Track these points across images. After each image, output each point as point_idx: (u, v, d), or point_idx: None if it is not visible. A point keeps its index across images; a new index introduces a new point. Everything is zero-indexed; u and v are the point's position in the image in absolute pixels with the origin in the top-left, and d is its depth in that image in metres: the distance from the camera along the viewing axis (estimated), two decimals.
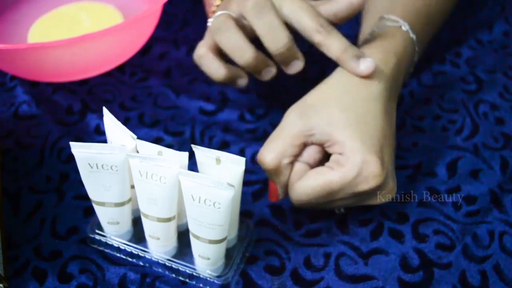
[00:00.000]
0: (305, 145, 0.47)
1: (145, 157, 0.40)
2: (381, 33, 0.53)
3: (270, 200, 0.49)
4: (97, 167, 0.42)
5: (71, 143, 0.41)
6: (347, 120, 0.45)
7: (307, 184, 0.45)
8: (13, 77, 0.66)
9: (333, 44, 0.47)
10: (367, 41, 0.53)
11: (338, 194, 0.45)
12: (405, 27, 0.53)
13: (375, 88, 0.47)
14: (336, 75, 0.49)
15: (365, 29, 0.59)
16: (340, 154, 0.45)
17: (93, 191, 0.44)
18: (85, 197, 0.52)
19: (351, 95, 0.47)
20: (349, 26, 0.72)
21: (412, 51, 0.53)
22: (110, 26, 0.55)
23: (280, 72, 0.67)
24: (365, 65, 0.46)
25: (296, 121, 0.46)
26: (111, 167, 0.42)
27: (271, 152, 0.46)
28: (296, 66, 0.51)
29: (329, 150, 0.46)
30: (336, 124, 0.45)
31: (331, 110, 0.45)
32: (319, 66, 0.67)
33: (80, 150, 0.41)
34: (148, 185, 0.41)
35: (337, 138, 0.45)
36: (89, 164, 0.41)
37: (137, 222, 0.47)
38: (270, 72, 0.52)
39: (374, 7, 0.59)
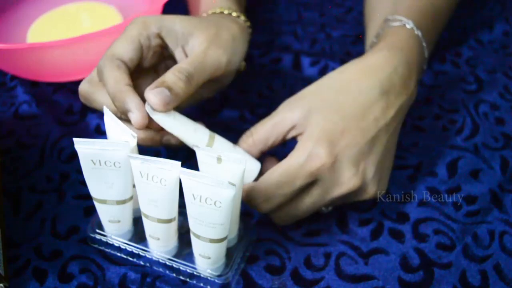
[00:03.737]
0: (284, 138, 0.48)
1: (147, 158, 0.40)
2: (386, 33, 0.53)
3: None
4: (100, 164, 0.42)
5: (75, 139, 0.41)
6: (321, 107, 0.46)
7: (267, 177, 0.46)
8: (13, 77, 0.66)
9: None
10: (373, 44, 0.53)
11: (296, 180, 0.45)
12: (409, 24, 0.53)
13: (367, 85, 0.47)
14: (339, 70, 0.49)
15: (370, 34, 0.59)
16: (299, 141, 0.46)
17: (95, 189, 0.44)
18: (85, 197, 0.52)
19: (341, 89, 0.47)
20: (350, 27, 0.73)
21: (419, 47, 0.53)
22: (110, 26, 0.55)
23: (280, 72, 0.68)
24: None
25: (284, 111, 0.47)
26: (114, 164, 0.42)
27: (253, 136, 0.48)
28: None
29: (298, 138, 0.47)
30: (313, 111, 0.46)
31: (315, 100, 0.47)
32: (320, 66, 0.67)
33: (83, 147, 0.41)
34: (148, 187, 0.41)
35: (307, 126, 0.46)
36: (92, 160, 0.41)
37: (137, 221, 0.47)
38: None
39: (377, 11, 0.59)
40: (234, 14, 0.54)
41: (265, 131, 0.48)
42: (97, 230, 0.48)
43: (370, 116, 0.46)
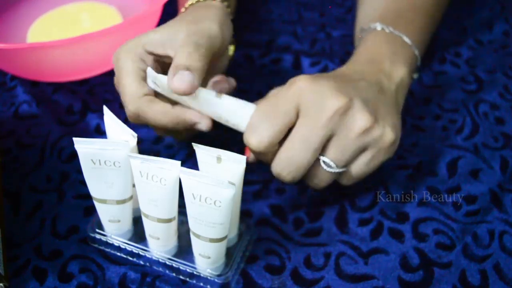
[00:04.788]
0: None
1: (146, 158, 0.40)
2: (360, 44, 0.56)
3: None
4: (100, 163, 0.42)
5: (74, 139, 0.41)
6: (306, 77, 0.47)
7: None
8: (14, 77, 0.66)
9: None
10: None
11: (279, 106, 0.44)
12: (379, 26, 0.54)
13: (339, 71, 0.50)
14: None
15: (355, 43, 0.61)
16: None
17: (95, 188, 0.44)
18: (85, 196, 0.52)
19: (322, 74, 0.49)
20: (350, 27, 0.73)
21: (391, 37, 0.54)
22: (110, 26, 0.55)
23: (280, 72, 0.68)
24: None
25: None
26: (114, 163, 0.42)
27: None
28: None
29: None
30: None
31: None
32: (320, 67, 0.67)
33: (83, 146, 0.41)
34: (148, 186, 0.41)
35: None
36: (91, 160, 0.42)
37: (137, 221, 0.47)
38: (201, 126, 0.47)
39: (359, 20, 0.62)
40: None
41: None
42: (97, 230, 0.48)
43: (345, 77, 0.47)
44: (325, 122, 0.43)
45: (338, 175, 0.47)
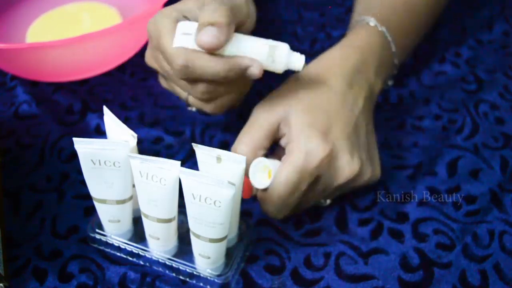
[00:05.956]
0: (274, 140, 0.48)
1: (146, 158, 0.40)
2: (348, 33, 0.56)
3: (244, 197, 0.48)
4: (100, 164, 0.42)
5: (74, 139, 0.41)
6: (301, 108, 0.47)
7: (272, 192, 0.45)
8: (14, 77, 0.66)
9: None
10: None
11: (301, 185, 0.45)
12: (372, 22, 0.55)
13: (334, 81, 0.49)
14: (306, 68, 0.51)
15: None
16: (289, 142, 0.46)
17: (95, 188, 0.44)
18: (85, 196, 0.52)
19: (311, 88, 0.49)
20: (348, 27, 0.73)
21: (382, 42, 0.54)
22: (110, 26, 0.55)
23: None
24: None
25: (263, 113, 0.48)
26: (113, 163, 0.42)
27: (245, 145, 0.47)
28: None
29: (285, 142, 0.47)
30: (293, 111, 0.47)
31: (291, 100, 0.48)
32: None
33: (83, 146, 0.41)
34: (148, 186, 0.41)
35: (291, 126, 0.46)
36: (91, 160, 0.42)
37: (137, 221, 0.47)
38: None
39: (353, 14, 0.61)
40: None
41: (255, 138, 0.47)
42: (97, 230, 0.48)
43: (346, 107, 0.48)
44: (337, 186, 0.47)
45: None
